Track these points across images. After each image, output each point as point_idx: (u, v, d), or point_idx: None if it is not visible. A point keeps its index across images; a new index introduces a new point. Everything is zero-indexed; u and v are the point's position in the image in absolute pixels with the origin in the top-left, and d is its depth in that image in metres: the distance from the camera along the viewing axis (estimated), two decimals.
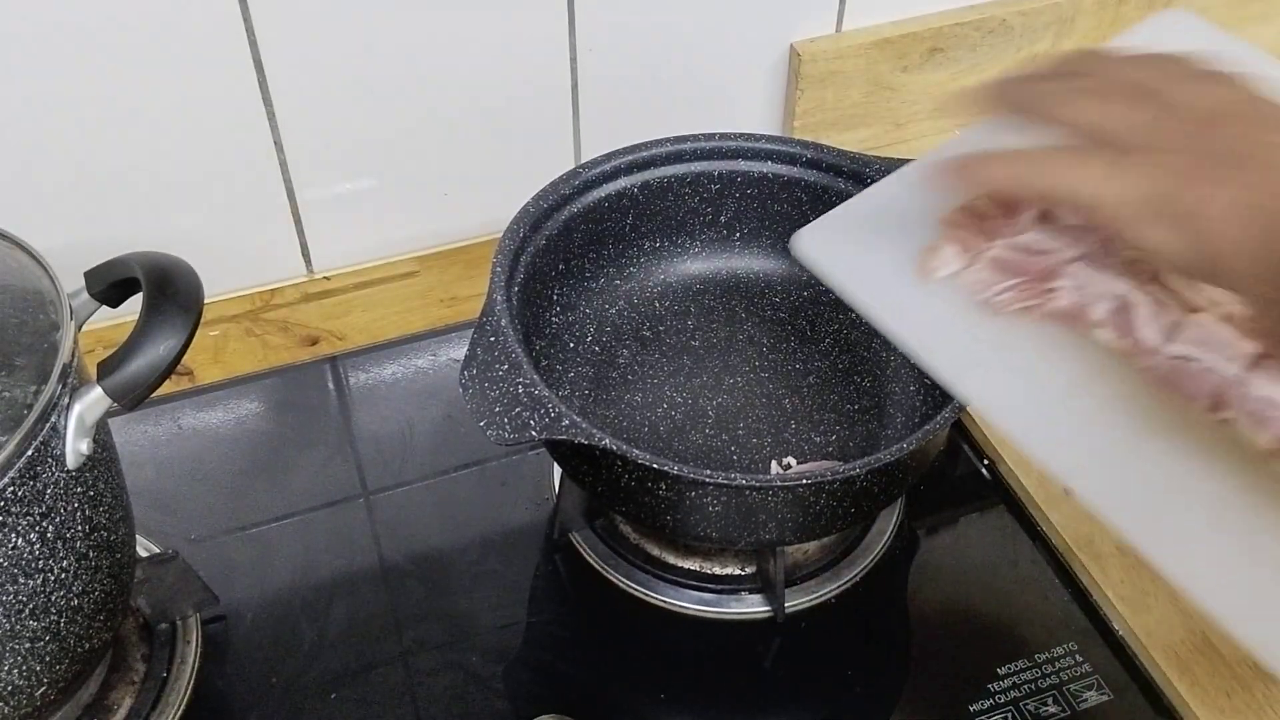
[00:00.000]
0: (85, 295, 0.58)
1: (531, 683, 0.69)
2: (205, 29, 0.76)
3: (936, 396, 0.75)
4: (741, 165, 0.79)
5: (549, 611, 0.73)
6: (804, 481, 0.62)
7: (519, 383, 0.61)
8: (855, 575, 0.74)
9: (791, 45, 0.94)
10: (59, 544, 0.54)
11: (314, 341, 0.89)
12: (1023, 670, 0.69)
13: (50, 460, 0.51)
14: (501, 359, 0.62)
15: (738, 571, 0.73)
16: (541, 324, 0.77)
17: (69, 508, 0.54)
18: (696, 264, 0.83)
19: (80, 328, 0.56)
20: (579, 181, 0.76)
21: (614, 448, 0.59)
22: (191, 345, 0.54)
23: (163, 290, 0.54)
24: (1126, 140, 0.46)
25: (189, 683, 0.67)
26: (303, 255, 0.92)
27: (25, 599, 0.53)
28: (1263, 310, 0.45)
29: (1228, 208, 0.43)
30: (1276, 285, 0.41)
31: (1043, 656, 0.69)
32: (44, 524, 0.52)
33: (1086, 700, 0.67)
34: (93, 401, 0.52)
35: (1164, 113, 0.46)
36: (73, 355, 0.52)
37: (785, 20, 0.93)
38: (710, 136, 0.78)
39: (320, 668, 0.69)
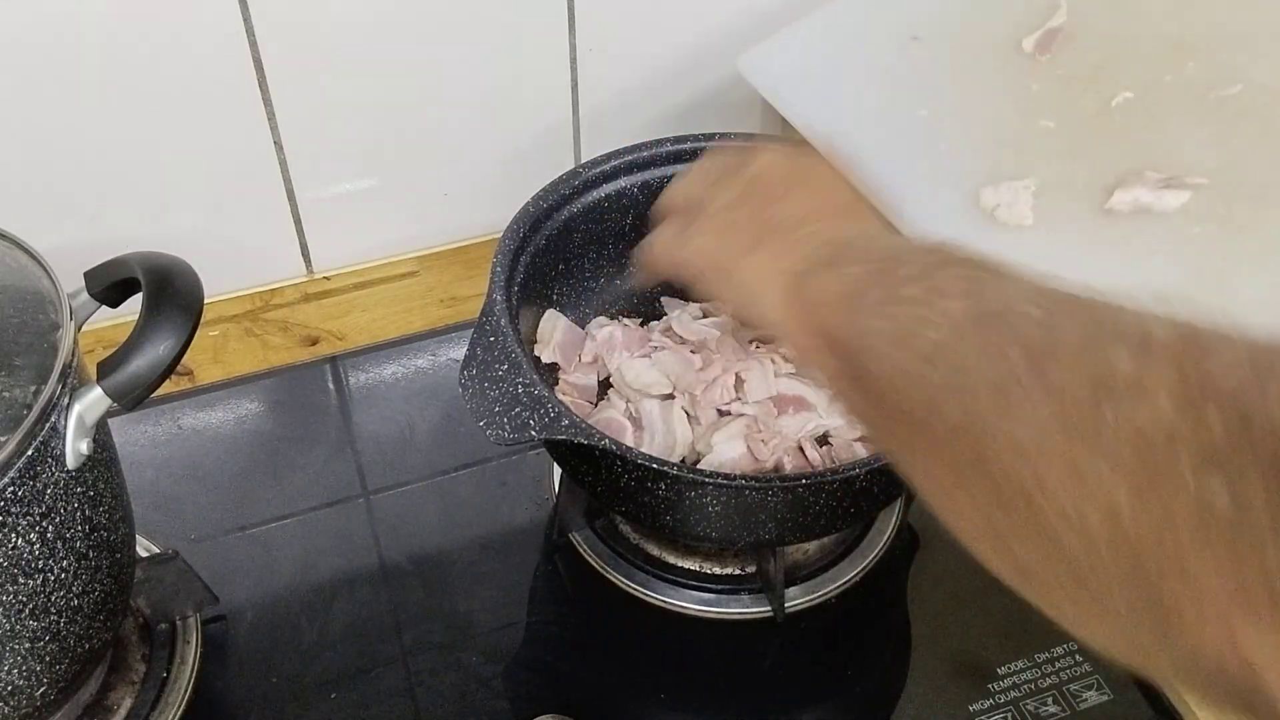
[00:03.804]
0: (85, 295, 0.58)
1: (531, 683, 0.69)
2: (205, 29, 0.77)
3: None
4: None
5: (549, 611, 0.73)
6: (804, 481, 0.62)
7: (519, 383, 0.61)
8: (855, 575, 0.74)
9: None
10: (59, 544, 0.54)
11: (314, 341, 0.89)
12: (1023, 670, 0.69)
13: (50, 460, 0.51)
14: (501, 359, 0.62)
15: (738, 571, 0.73)
16: None
17: (69, 508, 0.54)
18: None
19: (80, 328, 0.56)
20: (579, 181, 0.76)
21: (614, 448, 0.59)
22: (191, 345, 0.54)
23: (163, 290, 0.54)
24: (706, 213, 0.56)
25: (189, 683, 0.67)
26: (303, 255, 0.92)
27: (25, 599, 0.53)
28: (800, 357, 0.51)
29: (756, 270, 0.51)
30: (806, 333, 0.48)
31: (1043, 656, 0.69)
32: (44, 524, 0.52)
33: (1086, 700, 0.67)
34: (93, 401, 0.52)
35: (744, 192, 0.55)
36: (73, 355, 0.52)
37: (784, 20, 0.93)
38: (710, 136, 0.78)
39: (320, 668, 0.69)
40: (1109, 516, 0.32)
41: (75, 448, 0.53)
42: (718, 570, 0.74)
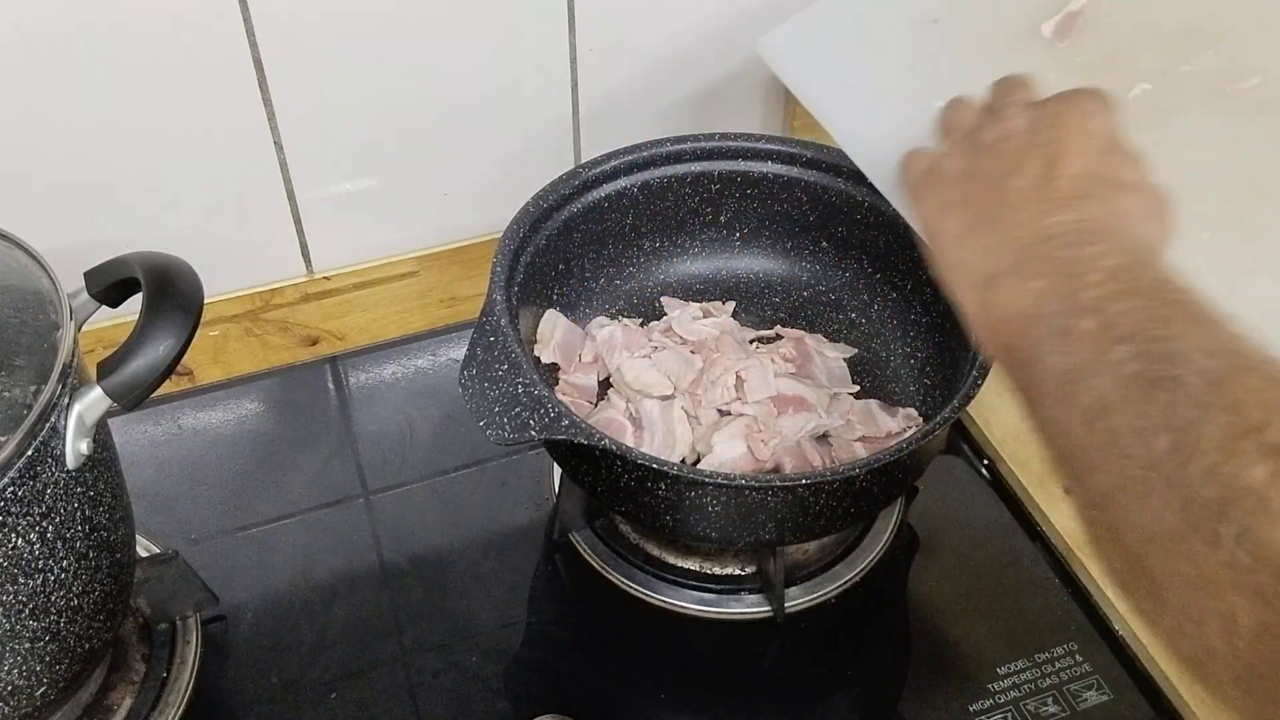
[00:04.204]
0: (85, 295, 0.58)
1: (531, 683, 0.69)
2: (205, 29, 0.76)
3: (936, 396, 0.75)
4: (741, 165, 0.79)
5: (549, 611, 0.73)
6: (804, 481, 0.62)
7: (519, 383, 0.61)
8: (855, 575, 0.74)
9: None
10: (59, 544, 0.54)
11: (314, 341, 0.89)
12: (1023, 670, 0.69)
13: (50, 460, 0.51)
14: (501, 359, 0.62)
15: (738, 571, 0.73)
16: None
17: (69, 508, 0.54)
18: (696, 264, 0.83)
19: (80, 328, 0.56)
20: (579, 181, 0.76)
21: (614, 448, 0.59)
22: (191, 345, 0.54)
23: (163, 290, 0.54)
24: (948, 166, 0.55)
25: (189, 683, 0.67)
26: (303, 255, 0.92)
27: (25, 599, 0.53)
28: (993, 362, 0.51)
29: (961, 260, 0.52)
30: (993, 345, 0.49)
31: (1043, 656, 0.69)
32: (44, 524, 0.52)
33: (1086, 700, 0.67)
34: (93, 401, 0.52)
35: (988, 152, 0.54)
36: (73, 355, 0.52)
37: (784, 20, 0.93)
38: (710, 136, 0.78)
39: (320, 668, 0.69)
40: (1227, 630, 0.33)
41: (75, 448, 0.53)
42: (718, 570, 0.74)
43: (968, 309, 0.51)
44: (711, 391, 0.74)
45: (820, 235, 0.81)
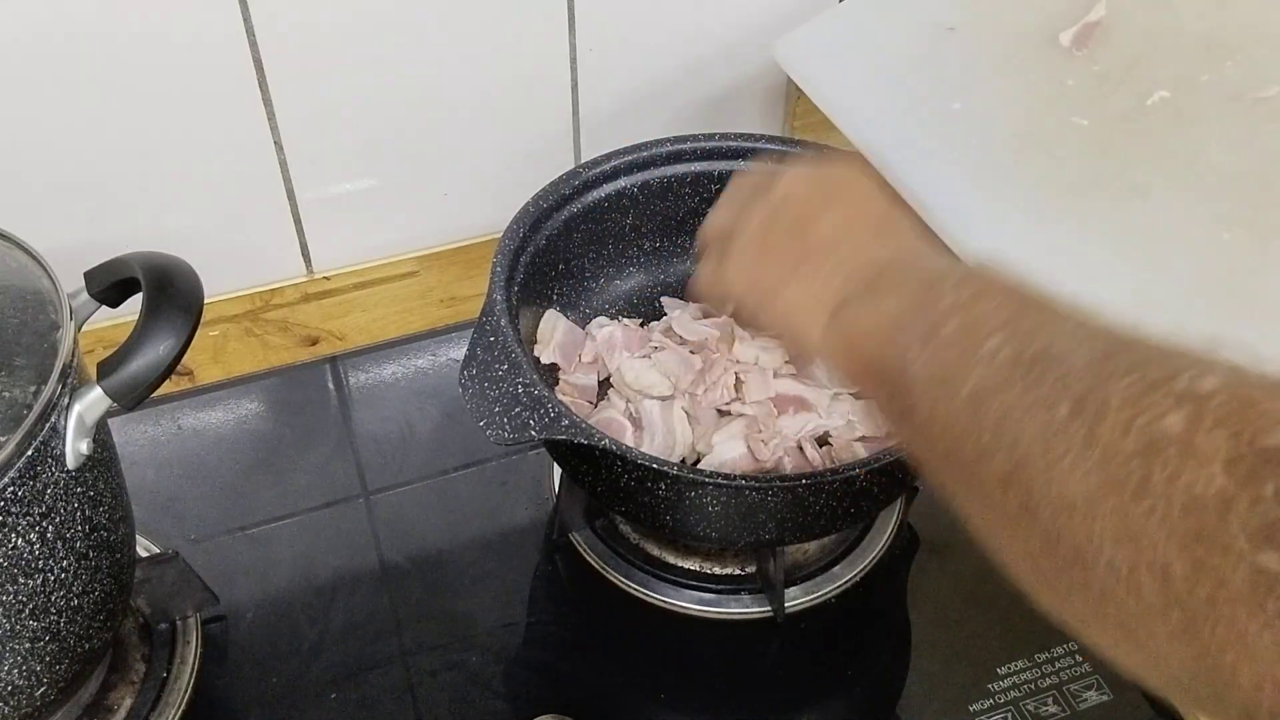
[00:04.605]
0: (85, 295, 0.58)
1: (531, 683, 0.69)
2: (205, 30, 0.76)
3: None
4: (741, 165, 0.79)
5: (549, 611, 0.73)
6: (803, 481, 0.62)
7: (519, 383, 0.61)
8: (855, 575, 0.74)
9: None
10: (59, 544, 0.54)
11: (314, 341, 0.89)
12: (1023, 670, 0.69)
13: (50, 460, 0.51)
14: (501, 359, 0.62)
15: (738, 571, 0.73)
16: None
17: (69, 508, 0.54)
18: (696, 264, 0.83)
19: (80, 328, 0.56)
20: (579, 181, 0.76)
21: (614, 448, 0.59)
22: (191, 345, 0.54)
23: (163, 290, 0.54)
24: (740, 241, 0.55)
25: (189, 683, 0.67)
26: (303, 255, 0.92)
27: (25, 599, 0.53)
28: (856, 388, 0.52)
29: (794, 302, 0.51)
30: (852, 368, 0.48)
31: (1043, 656, 0.69)
32: (44, 524, 0.52)
33: (1086, 700, 0.67)
34: (93, 401, 0.52)
35: (775, 213, 0.54)
36: (73, 355, 0.52)
37: (784, 21, 0.93)
38: (710, 136, 0.78)
39: (320, 668, 0.69)
40: (1160, 578, 0.32)
41: (75, 448, 0.53)
42: (718, 570, 0.74)
43: (813, 341, 0.50)
44: (711, 391, 0.74)
45: None
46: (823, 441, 0.73)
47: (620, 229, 0.80)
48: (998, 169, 0.63)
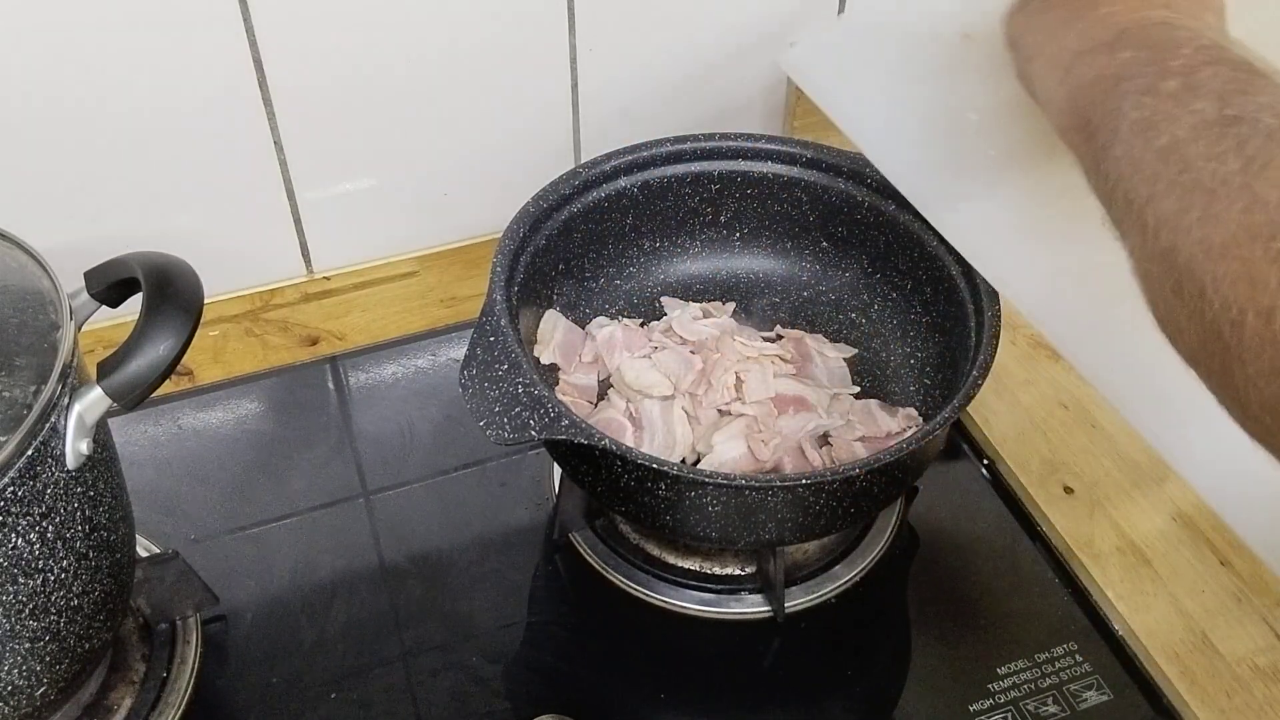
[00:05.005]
0: (85, 295, 0.58)
1: (531, 683, 0.69)
2: (205, 29, 0.76)
3: (936, 396, 0.76)
4: (741, 165, 0.79)
5: (549, 611, 0.73)
6: (804, 481, 0.62)
7: (519, 383, 0.61)
8: (855, 575, 0.74)
9: (791, 44, 0.94)
10: (59, 544, 0.54)
11: (314, 341, 0.89)
12: (1023, 670, 0.69)
13: (50, 460, 0.51)
14: (501, 359, 0.62)
15: (738, 571, 0.73)
16: None
17: (69, 508, 0.54)
18: (696, 264, 0.83)
19: (80, 328, 0.56)
20: (579, 181, 0.76)
21: (614, 448, 0.59)
22: (191, 345, 0.54)
23: (163, 290, 0.54)
24: None
25: (189, 683, 0.67)
26: (303, 255, 0.92)
27: (25, 599, 0.53)
28: (1058, 133, 0.53)
29: (1053, 47, 0.54)
30: (1066, 111, 0.52)
31: (1043, 656, 0.69)
32: (44, 524, 0.52)
33: (1086, 700, 0.67)
34: (93, 401, 0.52)
35: None
36: (73, 355, 0.52)
37: (784, 20, 0.93)
38: (710, 136, 0.78)
39: (320, 668, 0.69)
40: (1264, 320, 0.36)
41: (75, 448, 0.53)
42: (718, 570, 0.74)
43: (1046, 87, 0.53)
44: (711, 391, 0.74)
45: (820, 235, 0.81)
46: (823, 441, 0.73)
47: (620, 229, 0.80)
48: (1015, 182, 0.62)
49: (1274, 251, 0.36)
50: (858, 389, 0.77)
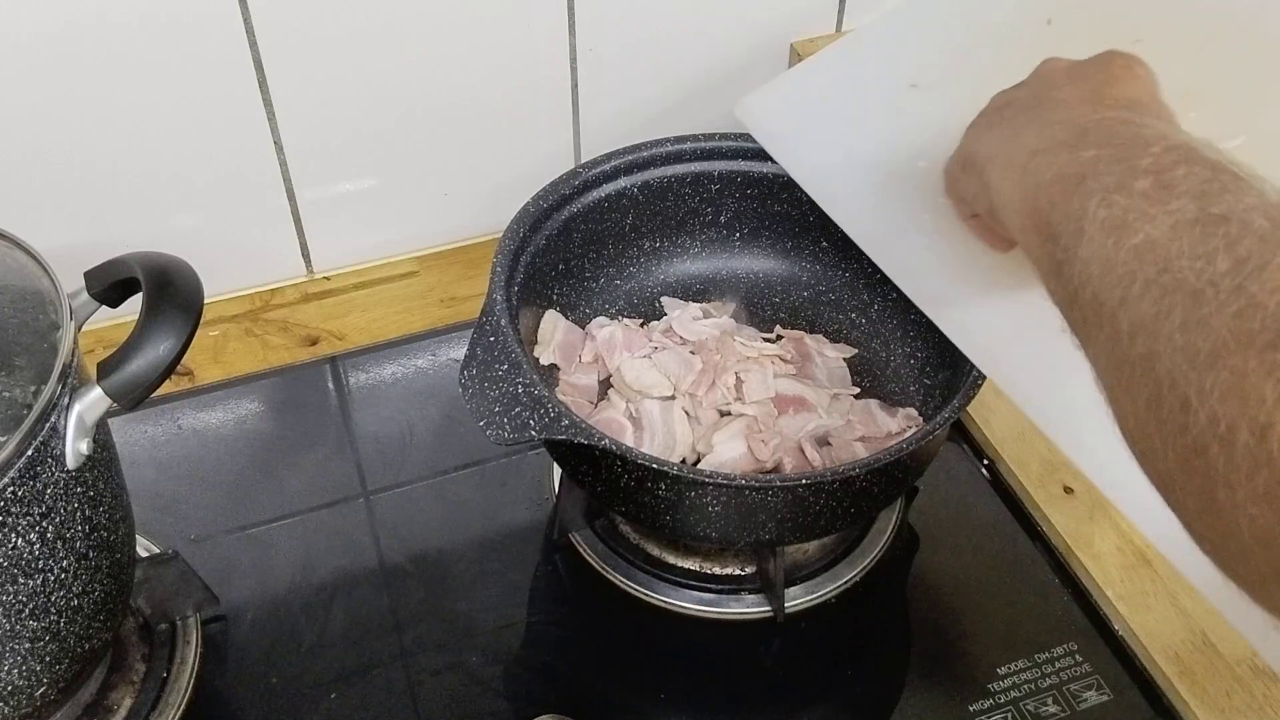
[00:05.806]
0: (85, 295, 0.58)
1: (531, 683, 0.69)
2: (205, 30, 0.77)
3: (936, 396, 0.76)
4: (741, 165, 0.79)
5: (549, 611, 0.73)
6: (804, 481, 0.62)
7: (519, 383, 0.61)
8: (855, 575, 0.74)
9: (791, 44, 0.94)
10: (59, 544, 0.54)
11: (314, 341, 0.89)
12: (1023, 670, 0.69)
13: (50, 460, 0.51)
14: (501, 359, 0.62)
15: (738, 571, 0.73)
16: None
17: (69, 508, 0.54)
18: (696, 264, 0.83)
19: (80, 328, 0.56)
20: (579, 181, 0.76)
21: (614, 448, 0.59)
22: (191, 345, 0.54)
23: (163, 290, 0.54)
24: (990, 108, 0.56)
25: (189, 683, 0.67)
26: (303, 255, 0.92)
27: (25, 599, 0.53)
28: (1014, 235, 0.50)
29: (1003, 149, 0.51)
30: (1023, 211, 0.48)
31: (1043, 656, 0.69)
32: (44, 524, 0.52)
33: (1086, 700, 0.67)
34: (93, 401, 0.52)
35: (1028, 86, 0.55)
36: (73, 355, 0.52)
37: (785, 19, 0.93)
38: (710, 136, 0.78)
39: (320, 668, 0.69)
40: (1258, 437, 0.32)
41: (75, 448, 0.53)
42: (718, 570, 0.74)
43: (1002, 188, 0.50)
44: (711, 392, 0.74)
45: (820, 235, 0.81)
46: (823, 441, 0.73)
47: (620, 229, 0.80)
48: (960, 230, 0.61)
49: (1270, 362, 0.32)
50: (858, 389, 0.77)
